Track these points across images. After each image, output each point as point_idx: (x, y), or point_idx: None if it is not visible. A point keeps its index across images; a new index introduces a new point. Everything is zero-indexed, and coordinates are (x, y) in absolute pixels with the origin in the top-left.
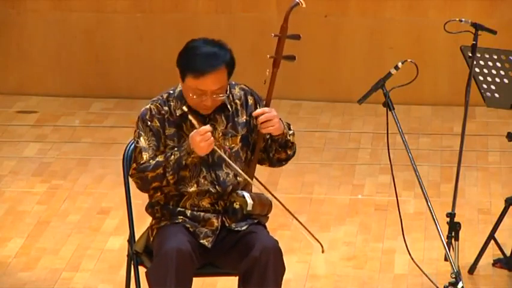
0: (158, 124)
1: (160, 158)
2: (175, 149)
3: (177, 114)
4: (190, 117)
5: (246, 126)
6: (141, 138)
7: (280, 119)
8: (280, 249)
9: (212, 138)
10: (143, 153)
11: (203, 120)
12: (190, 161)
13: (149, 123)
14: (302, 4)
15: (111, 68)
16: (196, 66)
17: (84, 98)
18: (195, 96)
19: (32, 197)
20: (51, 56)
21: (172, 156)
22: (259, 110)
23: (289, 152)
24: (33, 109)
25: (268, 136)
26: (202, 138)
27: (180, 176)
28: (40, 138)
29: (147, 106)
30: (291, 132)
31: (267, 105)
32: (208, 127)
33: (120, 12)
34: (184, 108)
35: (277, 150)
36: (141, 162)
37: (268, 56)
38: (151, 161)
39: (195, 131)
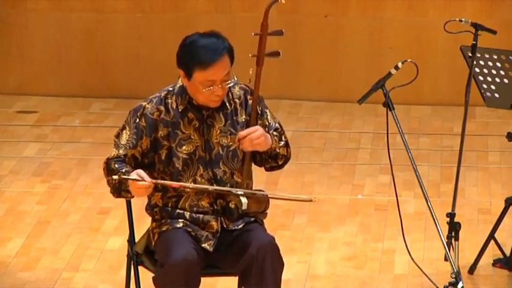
0: (145, 124)
1: (117, 167)
2: (125, 170)
3: (179, 110)
4: (125, 176)
5: (246, 125)
6: (124, 131)
7: (269, 132)
8: (277, 245)
9: (146, 185)
10: (114, 149)
11: (201, 118)
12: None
13: (137, 120)
14: (281, 0)
15: (111, 68)
16: (202, 59)
17: (84, 98)
18: (205, 89)
19: (32, 197)
20: (51, 56)
21: (116, 177)
22: (243, 132)
23: (279, 162)
24: (33, 109)
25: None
26: (140, 191)
27: (122, 195)
28: (40, 138)
29: (143, 103)
30: (281, 144)
31: (254, 103)
32: (147, 184)
33: (120, 12)
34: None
35: (266, 161)
36: (110, 157)
37: (250, 55)
38: (112, 164)
39: (133, 181)
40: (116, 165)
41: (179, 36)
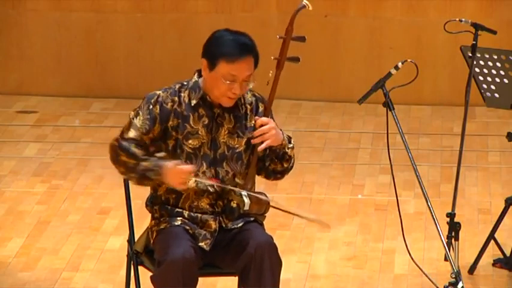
0: (158, 111)
1: (139, 152)
2: (153, 158)
3: (192, 104)
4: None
5: (254, 131)
6: (138, 117)
7: (281, 129)
8: (275, 244)
9: (187, 181)
10: (131, 129)
11: (211, 115)
12: (155, 179)
13: (151, 106)
14: (309, 7)
15: (111, 68)
16: (231, 51)
17: (84, 98)
18: (227, 82)
19: (32, 197)
20: (51, 56)
21: (145, 163)
22: (258, 131)
23: (285, 165)
24: (33, 109)
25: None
26: (179, 176)
27: (142, 182)
28: (40, 138)
29: (158, 92)
30: (290, 145)
31: (269, 106)
32: (191, 168)
33: (120, 12)
34: None
35: (273, 161)
36: (126, 137)
37: (272, 57)
38: (133, 147)
39: (175, 164)
40: (137, 150)
41: (179, 36)
